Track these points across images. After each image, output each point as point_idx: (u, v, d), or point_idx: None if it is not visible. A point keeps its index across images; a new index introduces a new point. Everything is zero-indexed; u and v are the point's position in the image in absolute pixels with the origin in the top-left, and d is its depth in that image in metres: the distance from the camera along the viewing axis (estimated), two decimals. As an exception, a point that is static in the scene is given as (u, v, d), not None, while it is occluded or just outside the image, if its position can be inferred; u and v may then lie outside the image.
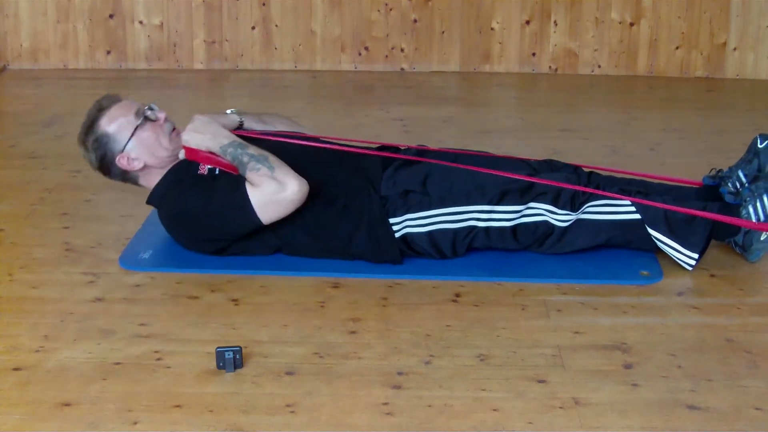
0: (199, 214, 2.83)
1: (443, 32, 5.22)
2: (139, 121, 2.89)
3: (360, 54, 5.25)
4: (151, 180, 2.95)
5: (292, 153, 2.85)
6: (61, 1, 5.18)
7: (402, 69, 5.28)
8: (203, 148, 2.85)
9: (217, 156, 2.84)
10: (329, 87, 5.04)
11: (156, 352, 2.43)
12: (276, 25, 5.22)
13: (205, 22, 5.20)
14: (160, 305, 2.68)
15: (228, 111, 3.04)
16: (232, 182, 2.80)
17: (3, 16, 5.20)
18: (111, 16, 5.21)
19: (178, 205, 2.86)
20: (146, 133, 2.90)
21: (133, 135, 2.88)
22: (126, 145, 2.89)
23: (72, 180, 3.61)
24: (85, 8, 5.19)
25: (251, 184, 2.76)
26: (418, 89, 4.98)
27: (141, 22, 5.22)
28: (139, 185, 2.99)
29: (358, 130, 4.07)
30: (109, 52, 5.26)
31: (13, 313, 2.64)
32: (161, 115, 2.94)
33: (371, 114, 4.51)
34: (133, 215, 3.23)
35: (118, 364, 2.38)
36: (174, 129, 2.96)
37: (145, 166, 2.92)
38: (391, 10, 5.19)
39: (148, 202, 2.97)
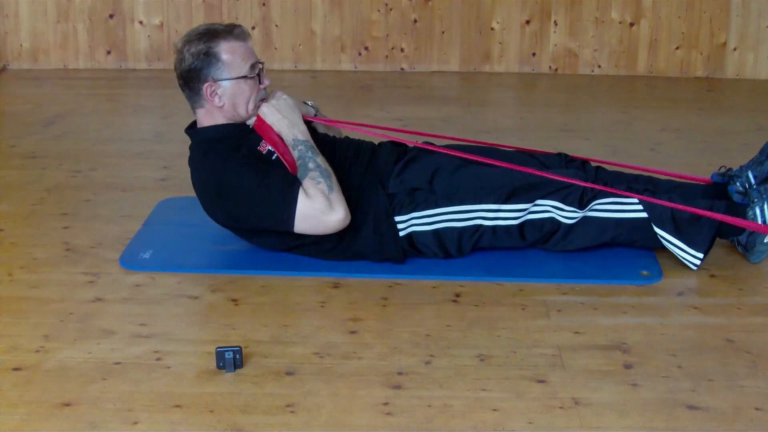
0: (244, 190, 2.77)
1: (443, 32, 5.22)
2: (249, 73, 2.82)
3: (360, 54, 5.26)
4: (209, 118, 2.86)
5: (326, 148, 2.85)
6: (61, 1, 5.18)
7: (402, 69, 5.28)
8: (275, 130, 2.83)
9: (283, 143, 2.81)
10: (329, 87, 5.05)
11: (156, 352, 2.43)
12: (276, 25, 5.22)
13: (205, 22, 5.19)
14: (160, 305, 2.68)
15: (309, 102, 3.02)
16: (289, 180, 2.76)
17: (3, 16, 5.20)
18: (111, 16, 5.21)
19: (227, 170, 2.78)
20: (246, 87, 2.82)
21: (236, 78, 2.81)
22: (224, 80, 2.80)
23: (72, 180, 3.61)
24: (85, 8, 5.19)
25: (305, 192, 2.74)
26: (418, 89, 4.99)
27: (141, 22, 5.22)
28: (194, 109, 2.88)
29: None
30: (109, 52, 5.26)
31: (13, 313, 2.64)
32: (266, 81, 2.89)
33: (371, 114, 4.51)
34: (133, 215, 3.24)
35: (118, 364, 2.38)
36: (263, 100, 2.89)
37: (219, 108, 2.84)
38: (391, 10, 5.20)
39: (191, 132, 2.89)
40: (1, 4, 5.18)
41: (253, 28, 5.20)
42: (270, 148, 2.84)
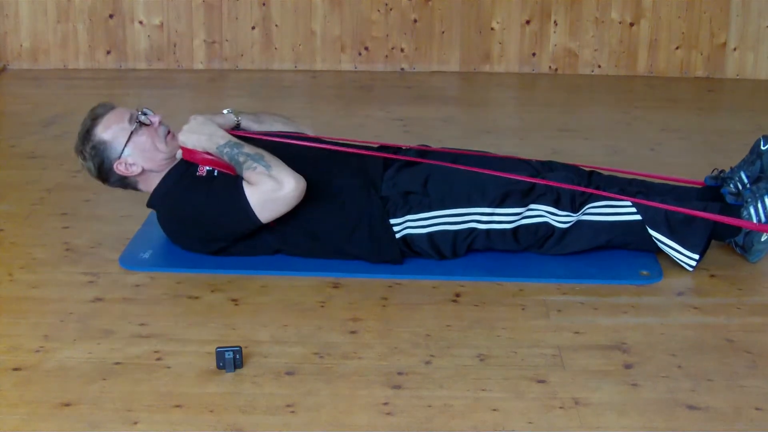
0: (197, 215, 2.83)
1: (443, 32, 5.22)
2: (133, 127, 2.89)
3: (360, 54, 5.26)
4: (150, 184, 2.94)
5: (290, 153, 2.85)
6: (61, 1, 5.18)
7: (402, 69, 5.28)
8: (200, 149, 2.86)
9: (215, 157, 2.84)
10: (329, 87, 5.04)
11: (156, 352, 2.43)
12: (276, 25, 5.22)
13: (205, 22, 5.20)
14: (160, 305, 2.68)
15: (225, 111, 3.03)
16: (230, 182, 2.80)
17: (3, 16, 5.20)
18: (111, 16, 5.21)
19: (177, 206, 2.86)
20: (142, 138, 2.89)
21: (128, 141, 2.88)
22: (123, 151, 2.88)
23: (72, 180, 3.61)
24: (85, 8, 5.19)
25: (248, 183, 2.76)
26: (418, 89, 4.98)
27: (141, 22, 5.22)
28: (138, 190, 2.98)
29: (358, 130, 4.07)
30: (109, 52, 5.26)
31: (13, 313, 2.64)
32: (155, 119, 2.94)
33: (371, 114, 4.51)
34: (133, 215, 3.23)
35: (118, 364, 2.38)
36: (169, 132, 2.96)
37: (144, 171, 2.91)
38: (391, 10, 5.19)
39: (149, 205, 2.97)
40: (1, 4, 5.18)
41: (253, 28, 5.20)
42: (207, 167, 2.87)
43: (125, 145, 2.88)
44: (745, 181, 2.97)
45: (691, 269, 2.84)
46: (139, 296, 2.73)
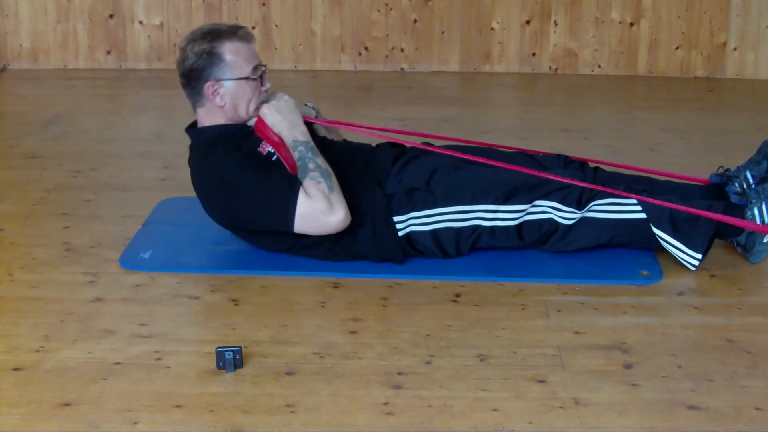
0: (245, 190, 2.77)
1: (443, 32, 5.22)
2: (251, 75, 2.84)
3: (360, 54, 5.26)
4: (210, 117, 2.87)
5: (325, 150, 2.85)
6: (61, 1, 5.18)
7: (402, 69, 5.28)
8: (275, 131, 2.83)
9: (283, 144, 2.82)
10: (329, 87, 5.05)
11: (156, 352, 2.43)
12: (276, 25, 5.22)
13: (205, 21, 5.19)
14: (160, 305, 2.68)
15: (307, 104, 3.02)
16: (289, 180, 2.76)
17: (3, 16, 5.20)
18: (111, 16, 5.21)
19: (228, 169, 2.79)
20: (247, 88, 2.84)
21: (238, 79, 2.82)
22: (226, 80, 2.81)
23: (72, 180, 3.61)
24: (85, 8, 5.19)
25: (306, 192, 2.74)
26: (418, 89, 4.99)
27: (141, 22, 5.22)
28: (195, 108, 2.89)
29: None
30: (109, 52, 5.26)
31: (13, 313, 2.64)
32: (268, 84, 2.90)
33: (371, 114, 4.50)
34: (133, 215, 3.24)
35: (118, 364, 2.38)
36: (264, 101, 2.90)
37: (221, 108, 2.85)
38: (391, 10, 5.19)
39: (191, 131, 2.90)
40: (1, 4, 5.18)
41: (253, 28, 5.20)
42: (270, 149, 2.84)
43: (232, 80, 2.81)
44: (751, 181, 2.97)
45: (693, 269, 2.84)
46: (139, 296, 2.73)
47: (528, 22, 5.19)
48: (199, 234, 3.05)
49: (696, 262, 2.83)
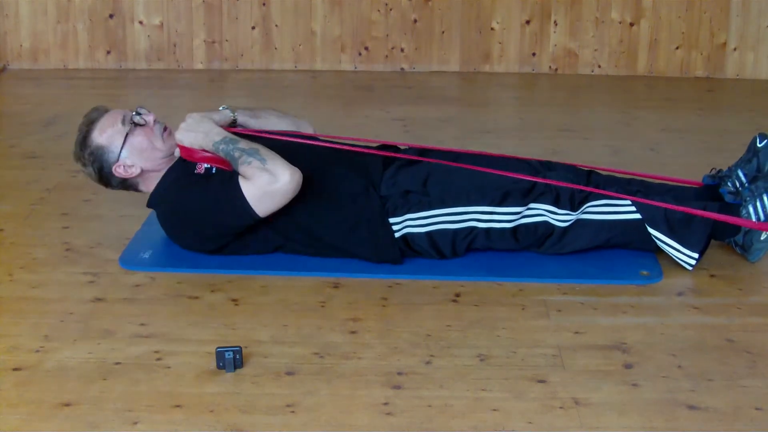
0: (196, 212, 2.83)
1: (443, 32, 5.22)
2: (128, 128, 2.89)
3: (360, 54, 5.26)
4: (150, 184, 2.94)
5: (289, 150, 2.85)
6: (61, 1, 5.18)
7: (402, 69, 5.28)
8: (197, 146, 2.85)
9: (212, 154, 2.84)
10: (329, 87, 5.04)
11: (156, 352, 2.43)
12: (276, 25, 5.22)
13: (205, 22, 5.20)
14: (160, 305, 2.68)
15: (221, 107, 3.03)
16: (227, 178, 2.80)
17: (3, 16, 5.20)
18: (111, 16, 5.21)
19: (175, 204, 2.86)
20: (138, 139, 2.89)
21: (124, 143, 2.88)
22: (120, 153, 2.88)
23: (72, 180, 3.61)
24: (85, 8, 5.19)
25: (244, 177, 2.76)
26: (418, 89, 4.98)
27: (141, 22, 5.22)
28: (139, 191, 2.98)
29: (358, 130, 4.06)
30: (109, 52, 5.26)
31: (13, 313, 2.64)
32: (149, 118, 2.93)
33: (371, 114, 4.51)
34: (133, 215, 3.23)
35: (118, 364, 2.38)
36: (166, 129, 2.95)
37: (143, 171, 2.91)
38: (391, 10, 5.19)
39: (149, 205, 2.97)
40: (1, 4, 5.18)
41: (253, 28, 5.20)
42: (206, 165, 2.87)
43: (122, 148, 2.88)
44: (743, 179, 2.97)
45: (690, 268, 2.84)
46: (139, 296, 2.73)
47: (528, 22, 5.19)
48: (199, 234, 3.05)
49: (693, 262, 2.83)
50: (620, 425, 2.16)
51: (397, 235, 2.86)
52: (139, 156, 2.89)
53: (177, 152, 2.91)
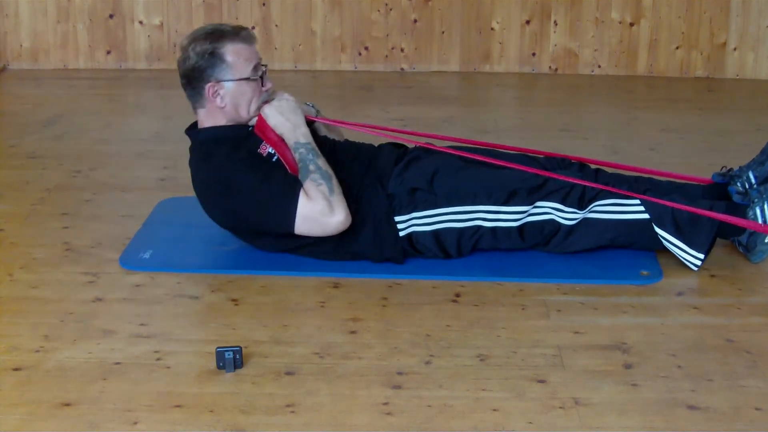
0: (246, 191, 2.77)
1: (443, 32, 5.22)
2: (252, 75, 2.83)
3: (360, 54, 5.26)
4: (210, 119, 2.86)
5: (327, 149, 2.85)
6: (61, 1, 5.17)
7: (402, 69, 5.28)
8: (278, 132, 2.83)
9: (284, 144, 2.82)
10: (329, 87, 5.04)
11: (156, 352, 2.43)
12: (276, 25, 5.22)
13: (205, 22, 5.19)
14: (160, 305, 2.68)
15: (307, 103, 3.01)
16: (290, 181, 2.77)
17: (3, 16, 5.20)
18: (111, 16, 5.21)
19: (229, 170, 2.79)
20: (248, 88, 2.83)
21: (239, 80, 2.82)
22: (227, 81, 2.81)
23: (72, 180, 3.61)
24: (85, 8, 5.19)
25: (306, 194, 2.74)
26: (418, 89, 4.98)
27: (141, 22, 5.22)
28: (195, 109, 2.89)
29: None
30: (109, 52, 5.26)
31: (13, 313, 2.64)
32: (269, 84, 2.89)
33: (371, 114, 4.50)
34: (133, 215, 3.24)
35: (118, 364, 2.38)
36: (265, 101, 2.89)
37: (220, 109, 2.85)
38: (391, 10, 5.19)
39: (191, 133, 2.90)
40: (1, 4, 5.18)
41: (253, 28, 5.19)
42: (271, 149, 2.84)
43: (233, 80, 2.81)
44: (753, 181, 2.97)
45: (696, 269, 2.84)
46: (139, 296, 2.73)
47: (528, 22, 5.19)
48: (199, 234, 3.05)
49: (698, 262, 2.83)
50: (620, 425, 2.16)
51: (402, 233, 2.85)
52: (234, 99, 2.83)
53: (253, 121, 2.87)
